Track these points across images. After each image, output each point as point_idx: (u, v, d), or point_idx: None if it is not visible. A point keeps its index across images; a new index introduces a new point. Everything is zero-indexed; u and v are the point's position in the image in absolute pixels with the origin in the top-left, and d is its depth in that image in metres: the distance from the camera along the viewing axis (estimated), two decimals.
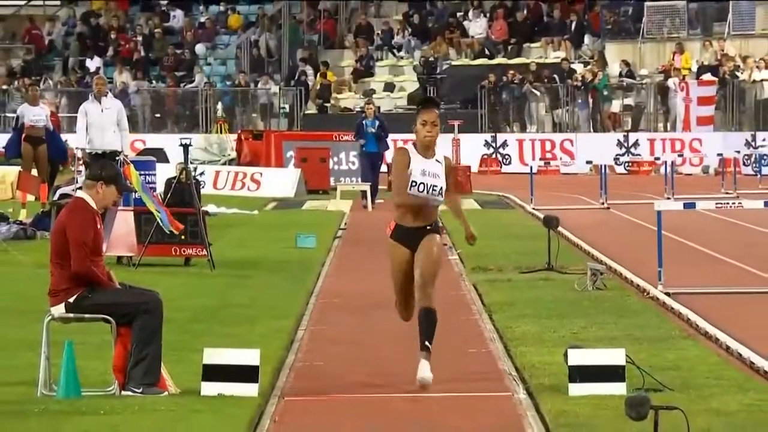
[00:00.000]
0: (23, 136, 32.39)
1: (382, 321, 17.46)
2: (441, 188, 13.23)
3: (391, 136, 38.99)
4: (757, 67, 53.19)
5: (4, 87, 58.01)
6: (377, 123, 38.08)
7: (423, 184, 13.16)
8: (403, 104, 56.16)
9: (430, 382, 12.85)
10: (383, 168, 38.02)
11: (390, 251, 13.52)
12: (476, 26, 59.77)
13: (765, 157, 48.06)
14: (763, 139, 49.85)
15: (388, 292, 19.88)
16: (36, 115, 32.55)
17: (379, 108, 41.22)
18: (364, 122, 38.64)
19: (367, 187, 37.81)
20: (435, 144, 13.36)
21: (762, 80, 52.87)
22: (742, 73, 53.44)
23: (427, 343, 13.06)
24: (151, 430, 11.44)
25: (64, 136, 34.70)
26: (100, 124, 28.22)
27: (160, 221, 22.03)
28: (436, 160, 13.29)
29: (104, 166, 14.21)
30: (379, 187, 37.08)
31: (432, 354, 13.09)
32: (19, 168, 33.63)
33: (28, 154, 32.27)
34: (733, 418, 11.61)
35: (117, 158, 26.90)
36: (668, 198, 35.29)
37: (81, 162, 27.89)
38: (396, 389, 13.22)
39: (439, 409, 12.55)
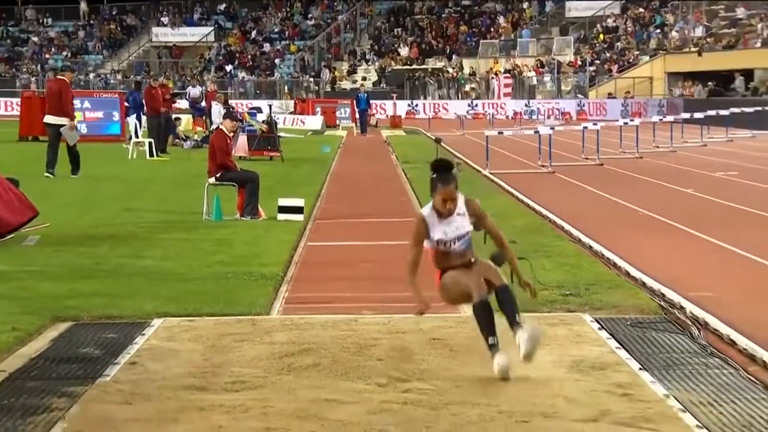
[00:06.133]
0: (190, 101, 33.28)
1: (362, 184, 17.35)
2: (467, 231, 5.91)
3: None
4: (529, 71, 53.23)
5: (189, 78, 57.19)
6: (366, 95, 38.18)
7: (447, 241, 5.88)
8: (370, 87, 55.35)
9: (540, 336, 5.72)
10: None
11: (445, 283, 5.92)
12: (404, 51, 58.95)
13: (533, 111, 48.28)
14: (532, 104, 49.90)
15: (363, 174, 19.73)
16: (194, 91, 33.66)
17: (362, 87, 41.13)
18: (359, 95, 38.91)
19: (354, 125, 37.57)
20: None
21: (532, 76, 52.87)
22: (523, 73, 53.30)
23: (518, 319, 5.68)
24: (253, 235, 11.24)
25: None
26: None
27: (257, 123, 24.04)
28: (458, 214, 5.93)
29: (224, 113, 14.30)
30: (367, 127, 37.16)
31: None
32: (190, 115, 33.59)
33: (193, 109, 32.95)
34: (519, 229, 11.51)
35: (238, 112, 26.65)
36: (491, 130, 34.97)
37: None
38: (376, 217, 13.04)
39: (389, 227, 12.39)
